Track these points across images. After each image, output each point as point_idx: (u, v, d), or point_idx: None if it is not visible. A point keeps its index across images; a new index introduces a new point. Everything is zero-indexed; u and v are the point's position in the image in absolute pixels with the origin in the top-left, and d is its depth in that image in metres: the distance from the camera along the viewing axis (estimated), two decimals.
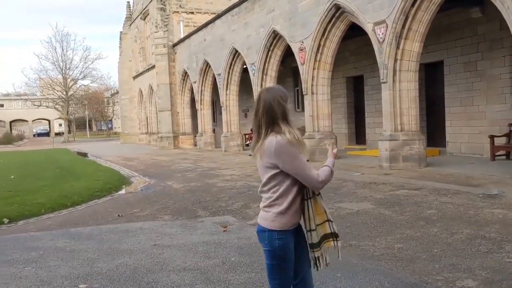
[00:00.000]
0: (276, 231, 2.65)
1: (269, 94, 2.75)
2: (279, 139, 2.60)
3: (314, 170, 2.66)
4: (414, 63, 11.63)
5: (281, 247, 2.65)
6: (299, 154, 2.62)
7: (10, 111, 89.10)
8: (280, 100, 2.72)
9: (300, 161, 2.62)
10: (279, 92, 2.77)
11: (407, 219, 6.67)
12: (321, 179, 2.67)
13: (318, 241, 2.74)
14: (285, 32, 15.86)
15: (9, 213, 8.50)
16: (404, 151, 11.64)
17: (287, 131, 2.63)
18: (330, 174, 2.74)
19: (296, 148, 2.62)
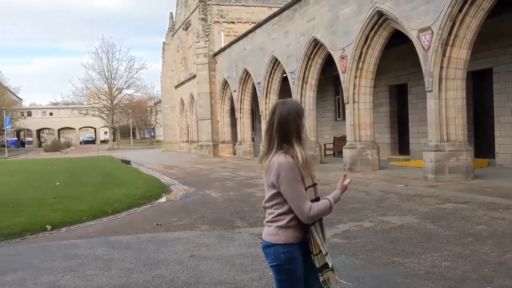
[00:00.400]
0: (281, 245, 2.58)
1: (285, 107, 2.65)
2: (281, 160, 2.53)
3: (307, 202, 2.53)
4: (461, 71, 11.18)
5: (288, 261, 2.57)
6: (296, 181, 2.52)
7: (58, 119, 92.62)
8: (295, 115, 2.63)
9: (294, 189, 2.52)
10: (295, 107, 2.67)
11: (454, 235, 6.31)
12: (312, 214, 2.53)
13: (320, 266, 2.63)
14: (326, 40, 15.65)
15: (53, 219, 8.67)
16: (451, 162, 11.17)
17: (298, 152, 2.55)
18: (327, 209, 2.59)
19: (296, 172, 2.52)
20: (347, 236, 6.56)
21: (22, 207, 10.24)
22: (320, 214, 2.56)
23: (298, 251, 2.60)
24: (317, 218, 2.57)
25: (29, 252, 6.51)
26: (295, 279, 2.60)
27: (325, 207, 2.58)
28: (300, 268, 2.61)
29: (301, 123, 2.65)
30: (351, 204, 8.99)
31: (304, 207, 2.51)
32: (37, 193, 12.88)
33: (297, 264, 2.60)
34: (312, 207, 2.53)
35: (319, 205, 2.56)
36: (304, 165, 2.56)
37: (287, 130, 2.59)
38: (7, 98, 61.47)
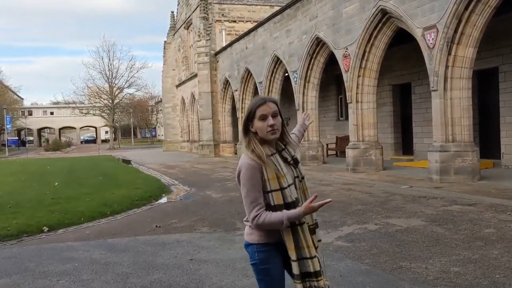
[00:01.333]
0: (255, 244, 2.49)
1: (250, 103, 2.57)
2: (243, 160, 2.44)
3: (256, 209, 2.39)
4: (467, 70, 10.97)
5: (262, 261, 2.48)
6: (251, 185, 2.40)
7: (59, 119, 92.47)
8: (249, 112, 2.51)
9: (247, 192, 2.41)
10: (253, 102, 2.55)
11: (462, 238, 6.11)
12: (257, 223, 2.39)
13: (299, 273, 2.44)
14: (328, 38, 15.45)
15: (50, 221, 8.49)
16: (456, 163, 10.97)
17: (250, 149, 2.44)
18: (277, 224, 2.37)
19: (254, 175, 2.39)
20: (352, 239, 6.37)
21: (20, 208, 10.08)
22: (269, 226, 2.39)
23: (275, 251, 2.49)
24: (266, 228, 2.41)
25: (25, 255, 6.33)
26: (272, 279, 2.50)
27: (276, 221, 2.37)
28: (277, 269, 2.50)
29: (253, 122, 2.48)
30: (354, 206, 8.80)
31: (250, 213, 2.41)
32: (36, 193, 12.71)
33: (272, 264, 2.49)
34: (259, 216, 2.38)
35: (271, 217, 2.38)
36: (265, 166, 2.41)
37: (243, 127, 2.51)
38: (8, 97, 61.36)
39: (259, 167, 2.41)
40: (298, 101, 17.81)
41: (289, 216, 2.37)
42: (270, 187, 2.41)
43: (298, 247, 2.42)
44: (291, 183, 2.46)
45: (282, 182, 2.43)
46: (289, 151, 2.56)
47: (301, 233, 2.43)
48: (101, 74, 58.74)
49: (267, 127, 2.45)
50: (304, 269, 2.43)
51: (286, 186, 2.42)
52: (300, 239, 2.43)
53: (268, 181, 2.41)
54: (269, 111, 2.47)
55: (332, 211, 8.35)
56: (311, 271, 2.44)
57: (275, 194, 2.41)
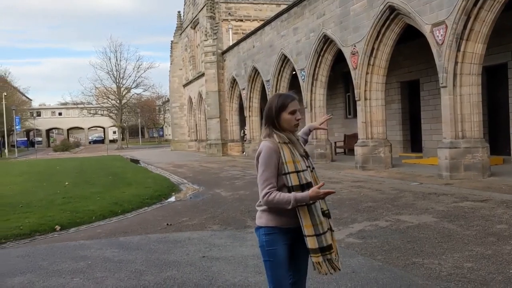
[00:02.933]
0: (263, 227, 2.74)
1: (273, 98, 2.87)
2: (265, 143, 2.73)
3: (268, 187, 2.64)
4: (476, 66, 10.91)
5: (268, 243, 2.72)
6: (267, 165, 2.66)
7: (67, 119, 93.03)
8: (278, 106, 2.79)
9: (263, 171, 2.67)
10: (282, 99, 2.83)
11: (474, 234, 6.09)
12: (267, 199, 2.65)
13: (311, 248, 2.71)
14: (336, 36, 15.42)
15: (62, 220, 8.56)
16: (466, 159, 10.91)
17: (278, 136, 2.74)
18: (285, 203, 2.63)
19: (272, 157, 2.67)
20: (363, 236, 6.36)
21: (32, 207, 10.17)
22: (277, 203, 2.63)
23: (282, 235, 2.71)
24: (275, 205, 2.64)
25: (38, 253, 6.39)
26: (277, 262, 2.71)
27: (285, 200, 2.61)
28: (282, 252, 2.72)
29: (282, 114, 2.77)
30: (365, 203, 8.79)
31: (263, 191, 2.65)
32: (47, 193, 12.81)
33: (278, 247, 2.71)
34: (270, 193, 2.62)
35: (280, 196, 2.62)
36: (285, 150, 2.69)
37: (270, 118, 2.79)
38: (16, 99, 61.84)
39: (277, 150, 2.69)
40: (305, 99, 17.79)
41: (296, 197, 2.60)
42: (287, 169, 2.67)
43: (314, 224, 2.67)
44: (305, 169, 2.74)
45: (298, 166, 2.70)
46: (301, 144, 2.87)
47: (315, 212, 2.68)
48: (109, 75, 59.07)
49: (296, 120, 2.78)
50: (321, 244, 2.68)
51: (301, 170, 2.70)
52: (315, 217, 2.67)
53: (286, 164, 2.67)
54: (298, 107, 2.82)
55: (343, 208, 8.35)
56: (325, 245, 2.69)
57: (292, 175, 2.67)
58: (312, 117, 17.77)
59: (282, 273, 2.73)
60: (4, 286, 4.97)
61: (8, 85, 59.50)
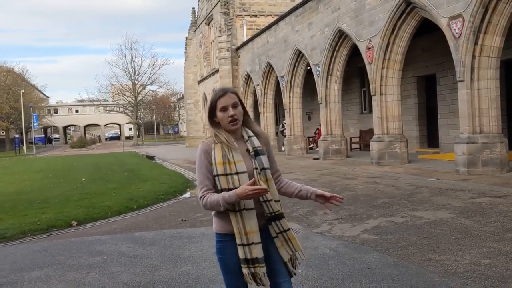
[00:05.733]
0: (216, 233, 2.61)
1: (213, 94, 2.68)
2: (200, 144, 2.62)
3: (202, 190, 2.52)
4: (495, 60, 10.71)
5: (218, 251, 2.59)
6: (199, 167, 2.55)
7: (84, 116, 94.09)
8: (211, 100, 2.59)
9: (197, 173, 2.58)
10: (215, 92, 2.63)
11: (492, 230, 5.99)
12: (202, 203, 2.52)
13: (242, 258, 2.52)
14: (351, 30, 15.28)
15: (78, 215, 8.66)
16: (484, 155, 10.74)
17: (213, 134, 2.59)
18: (215, 204, 2.46)
19: (202, 158, 2.54)
20: (378, 232, 6.30)
21: (49, 203, 10.31)
22: (211, 207, 2.49)
23: (233, 242, 2.51)
24: (210, 209, 2.51)
25: (55, 248, 6.47)
26: (227, 270, 2.57)
27: (214, 202, 2.46)
28: (232, 261, 2.53)
29: (216, 112, 2.56)
30: (380, 199, 8.71)
31: (198, 194, 2.54)
32: (64, 189, 12.97)
33: (227, 255, 2.55)
34: (203, 197, 2.50)
35: (212, 198, 2.48)
36: (217, 150, 2.51)
37: (208, 117, 2.62)
38: (34, 96, 62.67)
39: (207, 151, 2.54)
40: (320, 94, 17.69)
41: (224, 197, 2.43)
42: (217, 171, 2.50)
43: (238, 233, 2.48)
44: (242, 171, 2.49)
45: (229, 168, 2.49)
46: (252, 142, 2.59)
47: (239, 219, 2.48)
48: (124, 72, 59.60)
49: (228, 117, 2.52)
50: (243, 255, 2.49)
51: (232, 173, 2.49)
52: (239, 225, 2.47)
53: (216, 166, 2.50)
54: (229, 102, 2.52)
55: (358, 204, 8.29)
56: (249, 257, 2.48)
57: (221, 178, 2.49)
58: (327, 113, 17.67)
59: (233, 282, 2.57)
60: (22, 280, 5.05)
61: (26, 83, 60.36)
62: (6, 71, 57.54)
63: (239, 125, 2.58)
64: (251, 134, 2.62)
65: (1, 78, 56.48)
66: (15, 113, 53.62)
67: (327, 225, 6.89)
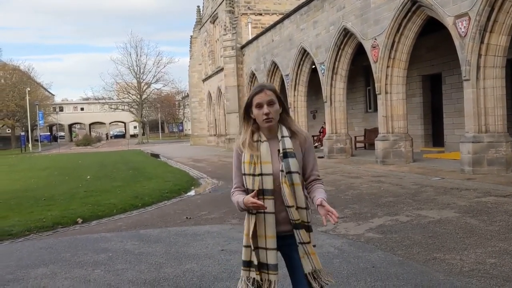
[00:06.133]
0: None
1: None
2: None
3: (234, 186, 2.58)
4: (501, 59, 10.67)
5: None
6: (233, 165, 2.60)
7: (89, 114, 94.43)
8: (247, 100, 2.58)
9: (233, 165, 2.62)
10: (251, 92, 2.59)
11: (498, 230, 5.97)
12: (231, 198, 2.57)
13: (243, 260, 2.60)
14: (356, 29, 15.25)
15: (83, 213, 8.70)
16: (489, 154, 10.71)
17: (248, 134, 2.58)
18: (236, 204, 2.51)
19: (235, 157, 2.57)
20: (383, 230, 6.30)
21: (54, 200, 10.36)
22: (234, 203, 2.51)
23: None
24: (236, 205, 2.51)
25: (60, 245, 6.50)
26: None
27: (235, 201, 2.51)
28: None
29: (252, 108, 2.52)
30: (385, 198, 8.70)
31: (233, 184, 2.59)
32: (69, 187, 13.04)
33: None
34: (232, 194, 2.56)
35: (234, 197, 2.53)
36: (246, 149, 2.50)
37: (243, 113, 2.60)
38: (40, 94, 62.95)
39: (240, 149, 2.54)
40: (325, 93, 17.66)
41: (239, 201, 2.45)
42: (244, 170, 2.50)
43: (246, 234, 2.52)
44: (267, 173, 2.44)
45: (252, 168, 2.47)
46: (284, 143, 2.49)
47: (252, 221, 2.48)
48: (129, 70, 59.70)
49: (262, 115, 2.47)
50: (247, 258, 2.53)
51: (256, 174, 2.45)
52: (249, 227, 2.49)
53: (243, 164, 2.51)
54: (265, 99, 2.47)
55: (363, 203, 8.28)
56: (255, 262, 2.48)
57: (247, 177, 2.49)
58: (332, 112, 17.65)
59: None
60: (28, 276, 5.08)
61: (31, 81, 60.62)
62: (12, 69, 57.81)
63: (273, 123, 2.50)
64: (286, 134, 2.52)
65: (7, 76, 56.76)
66: (21, 111, 53.88)
67: (332, 224, 6.89)
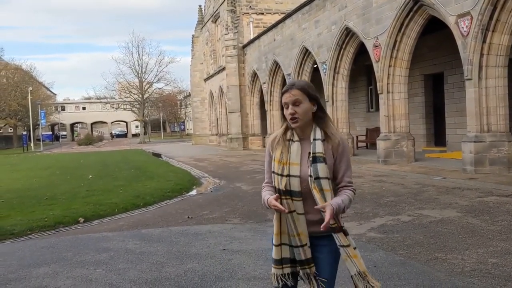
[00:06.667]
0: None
1: None
2: None
3: (264, 181, 2.58)
4: (503, 58, 10.66)
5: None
6: (265, 158, 2.59)
7: (91, 114, 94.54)
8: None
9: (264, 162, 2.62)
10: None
11: (499, 229, 5.96)
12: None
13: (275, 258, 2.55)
14: (358, 28, 15.23)
15: (85, 212, 8.72)
16: (491, 153, 10.69)
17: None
18: (262, 201, 2.50)
19: (267, 151, 2.57)
20: (384, 230, 6.29)
21: (56, 200, 10.38)
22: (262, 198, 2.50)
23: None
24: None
25: (62, 244, 6.51)
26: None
27: (262, 198, 2.50)
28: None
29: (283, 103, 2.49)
30: (386, 197, 8.69)
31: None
32: (71, 186, 13.05)
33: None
34: (262, 189, 2.56)
35: (263, 193, 2.52)
36: (277, 146, 2.48)
37: (281, 111, 2.57)
38: (42, 93, 63.04)
39: (271, 144, 2.52)
40: (327, 92, 17.65)
41: (264, 200, 2.45)
42: (273, 168, 2.48)
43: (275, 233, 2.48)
44: (294, 175, 2.40)
45: (280, 168, 2.43)
46: (314, 146, 2.41)
47: (277, 220, 2.46)
48: (131, 69, 59.71)
49: (288, 115, 2.43)
50: (278, 256, 2.49)
51: (283, 174, 2.41)
52: (276, 225, 2.46)
53: (273, 162, 2.48)
54: (290, 99, 2.42)
55: (364, 202, 8.28)
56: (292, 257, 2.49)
57: (275, 176, 2.46)
58: (334, 111, 17.63)
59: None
60: (30, 276, 5.09)
61: (33, 80, 60.71)
62: (14, 68, 57.90)
63: (300, 124, 2.42)
64: (319, 136, 2.42)
65: (9, 76, 56.87)
66: (23, 110, 53.97)
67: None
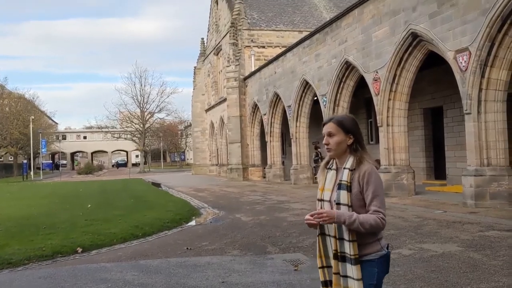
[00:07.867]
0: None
1: None
2: None
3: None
4: (501, 93, 10.79)
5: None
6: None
7: (91, 143, 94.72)
8: None
9: None
10: None
11: (501, 264, 5.91)
12: None
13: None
14: (358, 62, 15.46)
15: (83, 242, 8.64)
16: (492, 187, 10.68)
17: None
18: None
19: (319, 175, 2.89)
20: None
21: (55, 229, 10.30)
22: None
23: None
24: None
25: (60, 275, 6.44)
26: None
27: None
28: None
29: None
30: (387, 231, 8.62)
31: None
32: (70, 215, 12.97)
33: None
34: None
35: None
36: (321, 174, 2.86)
37: None
38: (43, 122, 63.36)
39: (321, 171, 2.87)
40: None
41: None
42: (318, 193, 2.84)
43: (318, 256, 2.85)
44: (325, 200, 2.74)
45: (319, 193, 2.81)
46: (341, 173, 2.71)
47: (319, 242, 2.82)
48: (133, 99, 60.24)
49: (324, 144, 2.78)
50: (323, 278, 2.82)
51: (319, 199, 2.79)
52: (318, 247, 2.83)
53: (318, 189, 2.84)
54: (325, 131, 2.78)
55: None
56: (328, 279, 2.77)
57: (317, 200, 2.84)
58: None
59: None
60: None
61: (35, 109, 61.14)
62: (17, 97, 58.40)
63: (333, 154, 2.76)
64: (349, 165, 2.70)
65: (12, 104, 57.28)
66: (24, 138, 54.12)
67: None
